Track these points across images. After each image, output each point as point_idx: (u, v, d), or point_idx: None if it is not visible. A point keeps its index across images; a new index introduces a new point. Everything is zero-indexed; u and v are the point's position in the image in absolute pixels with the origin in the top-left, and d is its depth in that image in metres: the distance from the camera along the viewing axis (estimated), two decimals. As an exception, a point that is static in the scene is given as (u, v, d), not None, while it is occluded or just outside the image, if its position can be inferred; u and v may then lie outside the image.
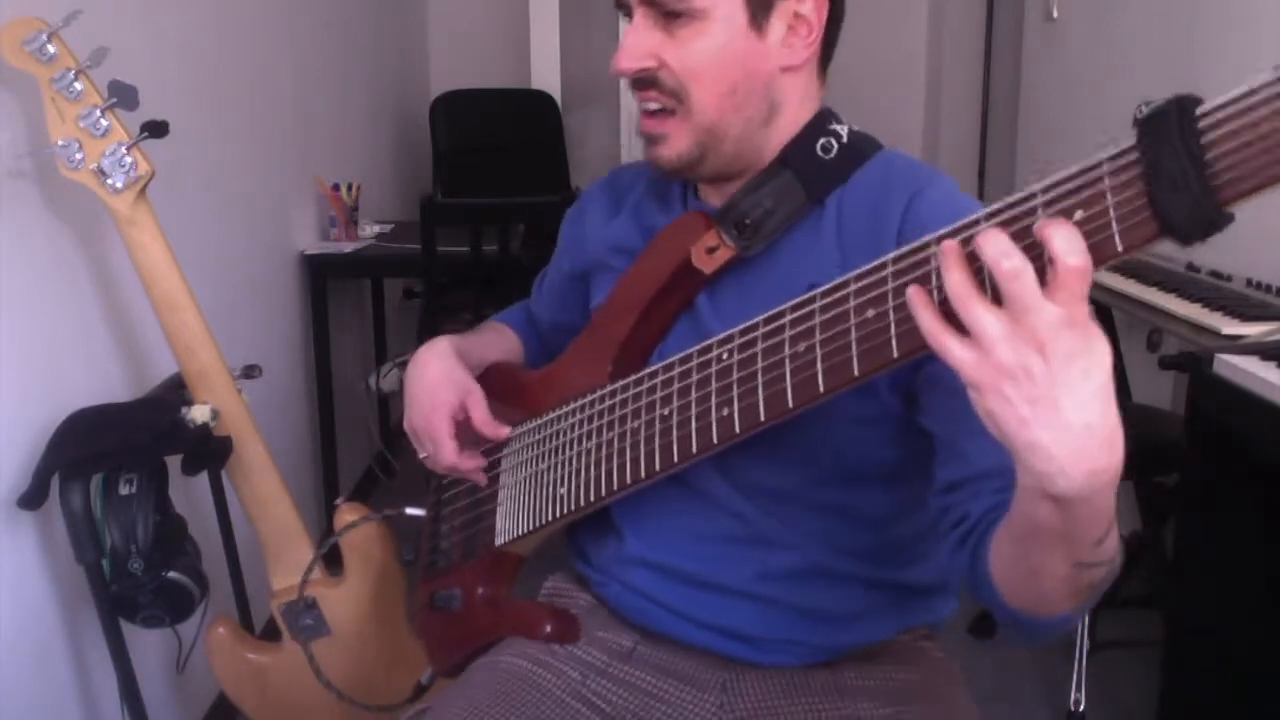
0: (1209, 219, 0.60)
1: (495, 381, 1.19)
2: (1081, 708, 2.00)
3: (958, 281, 0.64)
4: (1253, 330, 1.76)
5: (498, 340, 1.29)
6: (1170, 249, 2.41)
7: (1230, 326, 1.78)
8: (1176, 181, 0.60)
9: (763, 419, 0.85)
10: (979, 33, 4.16)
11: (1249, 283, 2.00)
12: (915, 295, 0.67)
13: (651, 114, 1.01)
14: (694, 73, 0.97)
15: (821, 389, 0.79)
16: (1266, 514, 1.72)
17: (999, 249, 0.62)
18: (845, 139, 1.02)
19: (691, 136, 1.00)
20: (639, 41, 0.98)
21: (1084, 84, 3.07)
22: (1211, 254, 2.16)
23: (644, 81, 0.99)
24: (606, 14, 4.06)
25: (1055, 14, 3.23)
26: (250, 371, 1.73)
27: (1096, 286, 2.53)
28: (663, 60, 0.98)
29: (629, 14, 1.00)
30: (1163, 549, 2.24)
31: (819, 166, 1.01)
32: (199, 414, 1.53)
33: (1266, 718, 1.78)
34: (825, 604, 1.03)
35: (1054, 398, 0.62)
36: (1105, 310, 2.47)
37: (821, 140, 1.01)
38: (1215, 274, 2.11)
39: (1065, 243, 0.60)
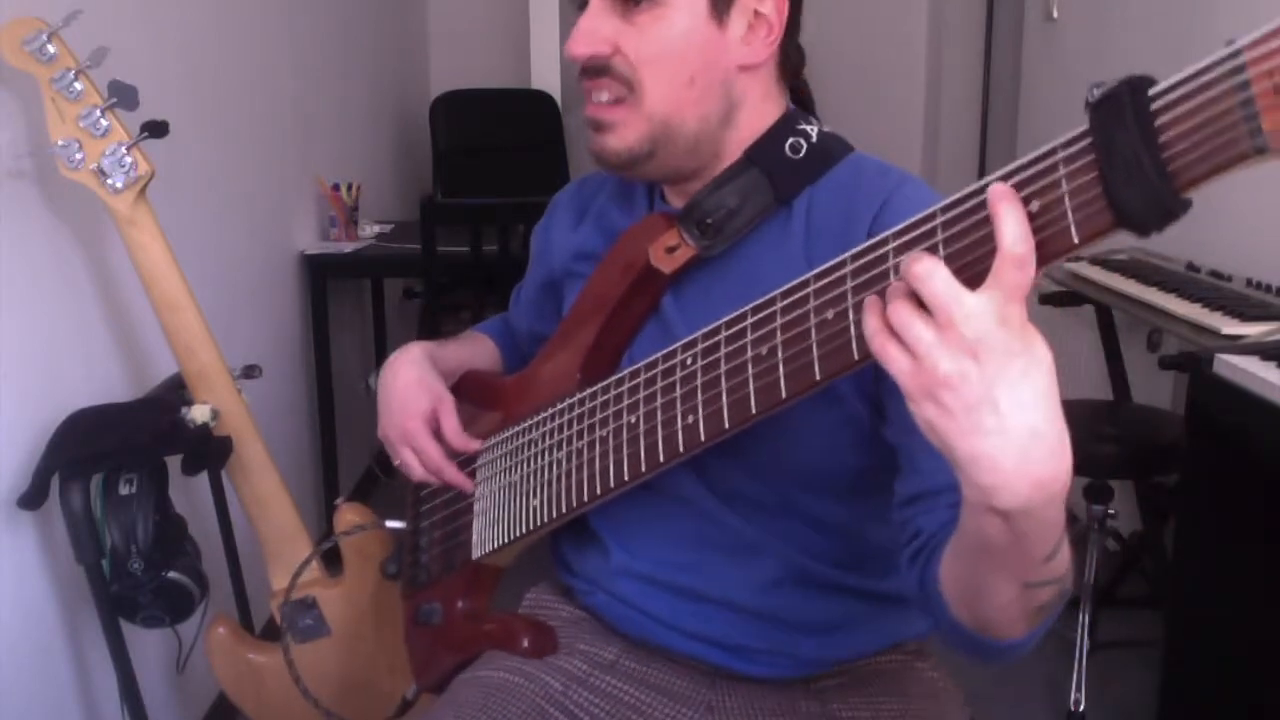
0: (1165, 206, 0.57)
1: (468, 388, 1.18)
2: (1081, 708, 2.00)
3: (892, 296, 0.63)
4: (1253, 330, 1.76)
5: (474, 348, 1.27)
6: (1171, 247, 2.41)
7: (1230, 326, 1.78)
8: (1131, 166, 0.58)
9: (727, 426, 0.83)
10: (979, 32, 4.16)
11: (1249, 283, 1.99)
12: (866, 302, 0.66)
13: (601, 103, 0.97)
14: (652, 60, 0.94)
15: (784, 394, 0.77)
16: (1266, 514, 1.72)
17: (909, 256, 0.61)
18: (814, 139, 0.99)
19: (644, 128, 0.95)
20: (595, 26, 0.94)
21: (1084, 84, 3.05)
22: (1211, 254, 2.16)
23: (595, 70, 0.96)
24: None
25: (1055, 14, 3.23)
26: (250, 371, 1.73)
27: (1097, 286, 2.53)
28: (618, 47, 0.94)
29: (582, 3, 0.97)
30: (1163, 549, 2.24)
31: (788, 165, 0.98)
32: (199, 414, 1.53)
33: (1266, 717, 1.78)
34: (807, 613, 1.01)
35: (993, 399, 0.60)
36: (1105, 310, 2.46)
37: (790, 140, 0.98)
38: (1215, 274, 2.10)
39: (1014, 229, 0.59)
